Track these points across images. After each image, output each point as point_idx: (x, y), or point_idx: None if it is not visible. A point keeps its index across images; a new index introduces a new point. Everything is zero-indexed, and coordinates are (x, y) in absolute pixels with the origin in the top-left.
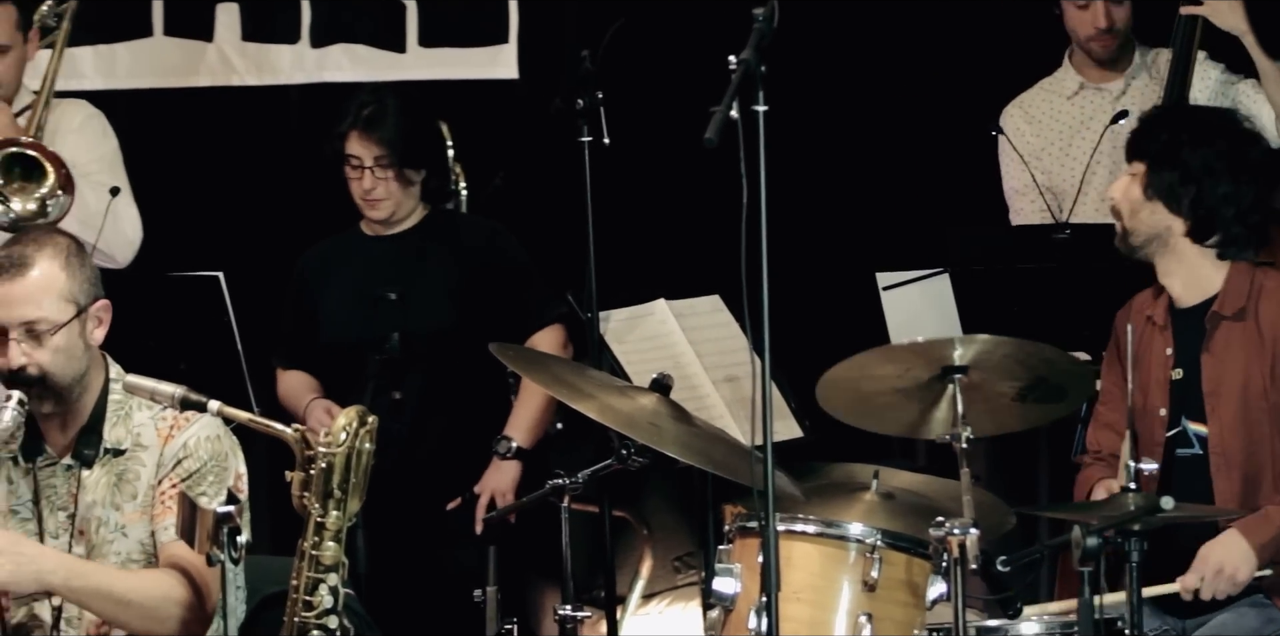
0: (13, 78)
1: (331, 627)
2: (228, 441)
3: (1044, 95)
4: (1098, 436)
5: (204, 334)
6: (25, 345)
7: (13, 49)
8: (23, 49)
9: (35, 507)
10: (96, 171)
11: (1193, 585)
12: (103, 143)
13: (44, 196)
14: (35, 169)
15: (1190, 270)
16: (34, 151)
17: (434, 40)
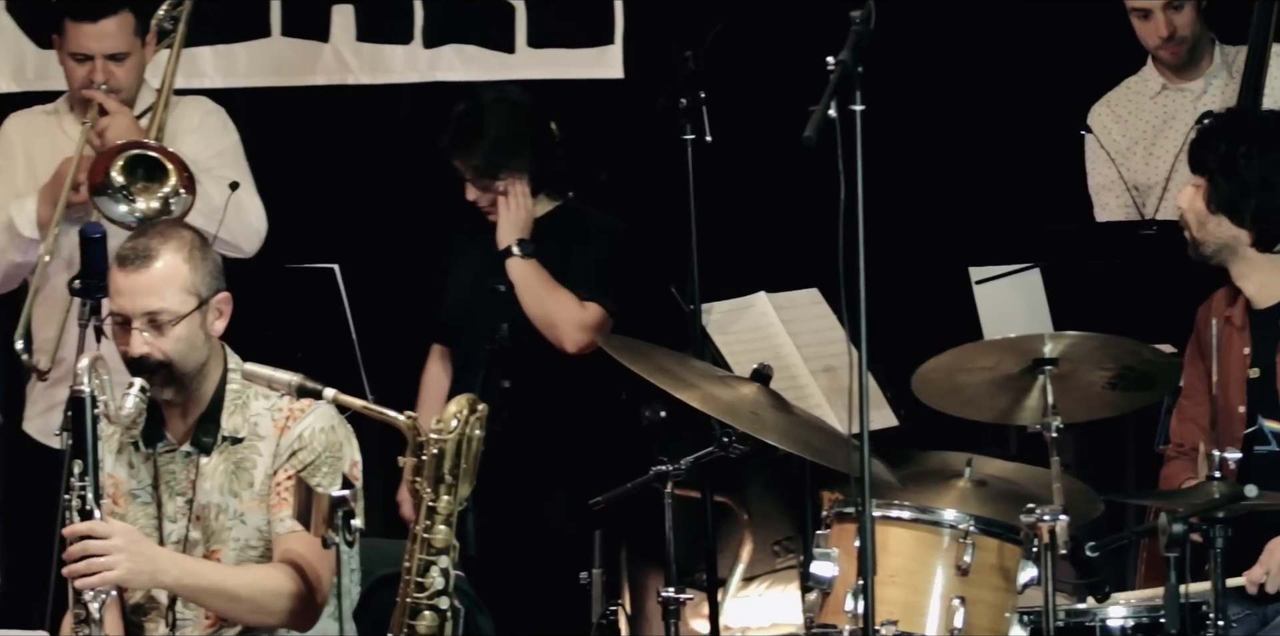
0: (133, 81)
1: (442, 608)
2: (342, 430)
3: (1130, 94)
4: (1181, 429)
5: (320, 324)
6: (148, 335)
7: (132, 55)
8: (141, 53)
9: (155, 492)
10: (218, 166)
11: (1258, 578)
12: (223, 137)
13: (166, 195)
14: (158, 169)
15: (1263, 275)
16: (156, 153)
17: (542, 41)
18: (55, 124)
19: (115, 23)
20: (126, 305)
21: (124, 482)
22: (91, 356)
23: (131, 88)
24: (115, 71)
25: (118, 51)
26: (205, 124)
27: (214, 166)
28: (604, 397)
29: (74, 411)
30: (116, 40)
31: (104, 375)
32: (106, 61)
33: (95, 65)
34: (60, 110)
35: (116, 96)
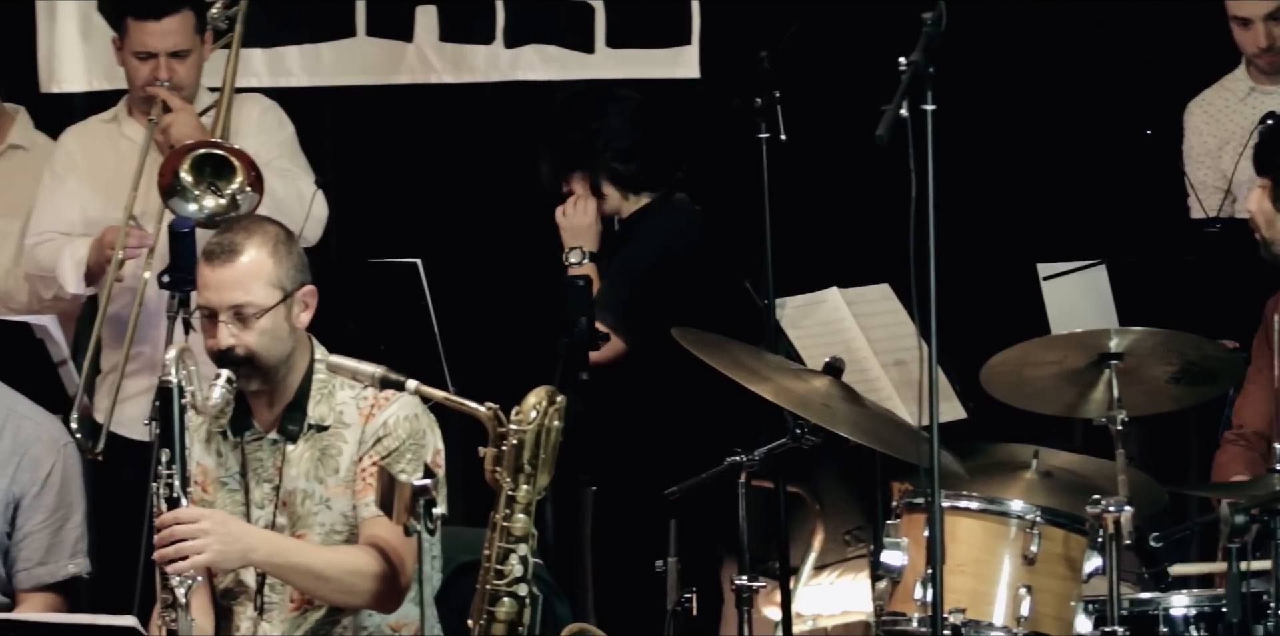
0: (193, 79)
1: (521, 595)
2: (425, 419)
3: (1223, 93)
4: (1243, 413)
5: (403, 317)
6: (233, 327)
7: (193, 52)
8: (201, 51)
9: (243, 480)
10: (277, 157)
11: None
12: (279, 131)
13: (234, 193)
14: (225, 167)
15: None
16: (223, 151)
17: (620, 41)
18: (115, 130)
19: (177, 20)
20: (213, 298)
21: (212, 471)
22: (179, 348)
23: (193, 85)
24: (177, 69)
25: (180, 49)
26: (263, 120)
27: (274, 157)
28: (679, 390)
29: (162, 402)
30: (179, 38)
31: (191, 366)
32: (169, 59)
33: (158, 63)
34: (120, 116)
35: (178, 94)
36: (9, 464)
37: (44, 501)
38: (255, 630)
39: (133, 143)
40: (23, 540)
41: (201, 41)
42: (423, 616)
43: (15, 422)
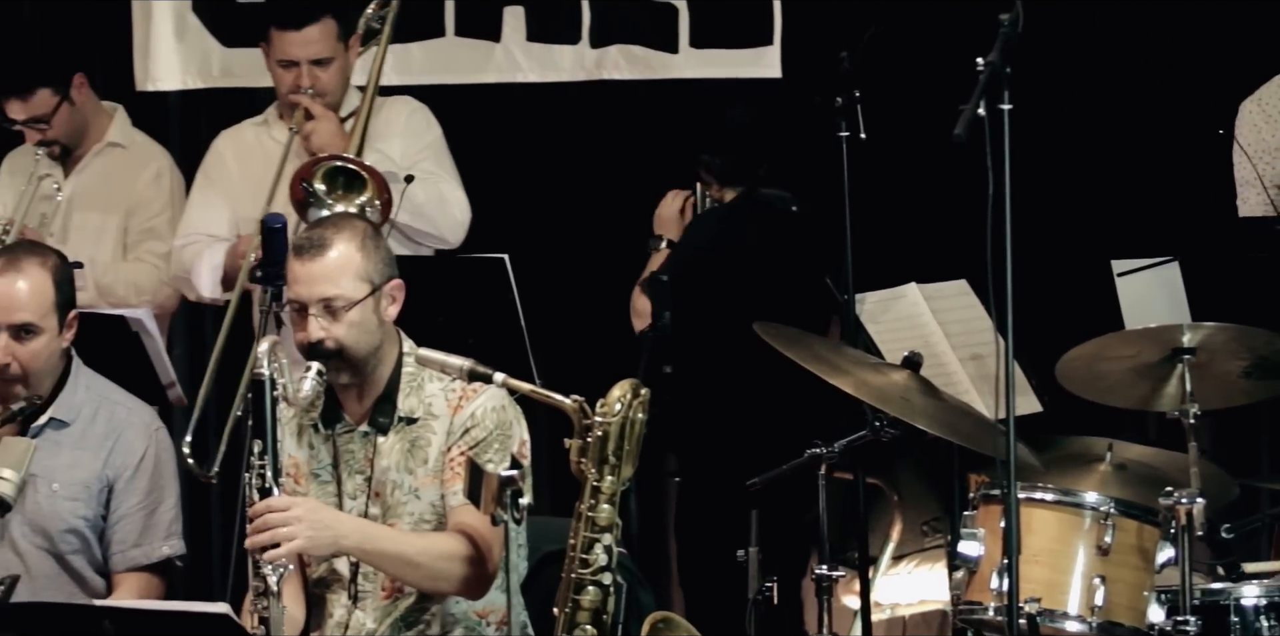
0: (336, 85)
1: (605, 583)
2: (512, 411)
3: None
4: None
5: (490, 311)
6: (323, 320)
7: (335, 59)
8: (345, 57)
9: (334, 471)
10: (423, 159)
11: None
12: (426, 133)
13: (363, 204)
14: (357, 179)
15: None
16: (355, 166)
17: (704, 42)
18: (265, 133)
19: (318, 30)
20: (303, 292)
21: (304, 463)
22: (270, 341)
23: (336, 91)
24: (320, 76)
25: (322, 57)
26: (410, 123)
27: (421, 159)
28: (761, 382)
29: (254, 394)
30: (320, 46)
31: (282, 359)
32: (311, 67)
33: (301, 71)
34: (270, 120)
35: (322, 101)
36: (103, 449)
37: (137, 485)
38: (348, 618)
39: (280, 146)
40: (117, 523)
41: (345, 47)
42: (509, 604)
43: (109, 409)
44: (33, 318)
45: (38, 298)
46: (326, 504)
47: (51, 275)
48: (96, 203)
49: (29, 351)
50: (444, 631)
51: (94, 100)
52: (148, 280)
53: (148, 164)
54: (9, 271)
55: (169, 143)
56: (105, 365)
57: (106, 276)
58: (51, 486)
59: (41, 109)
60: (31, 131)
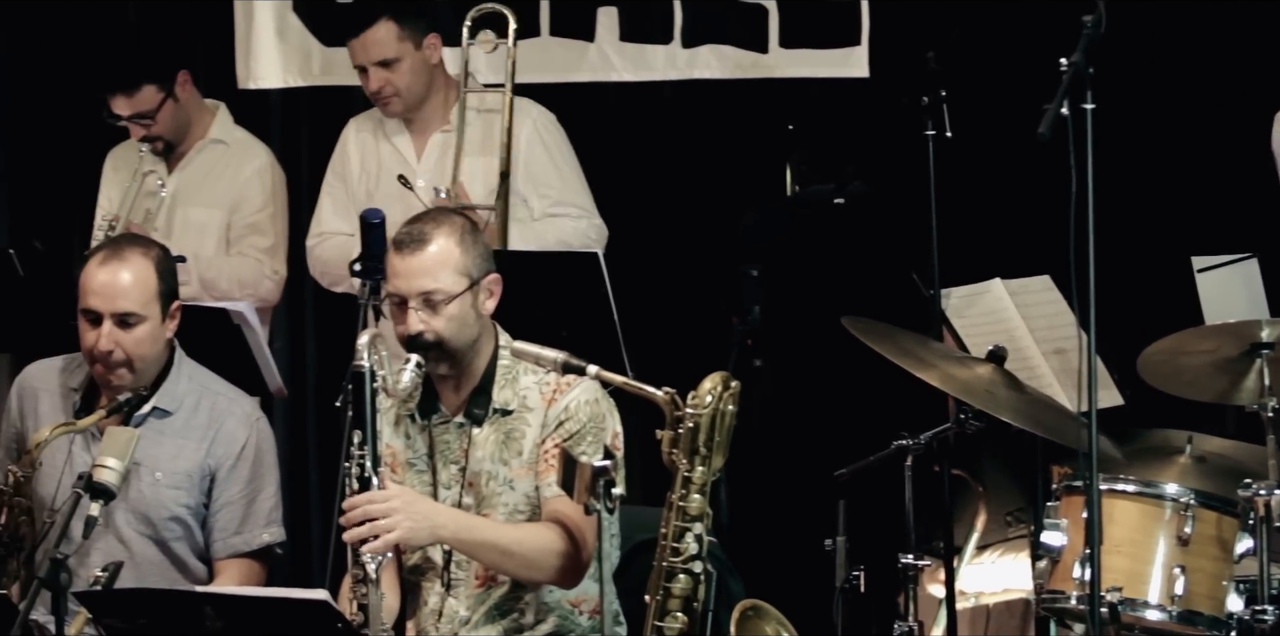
0: (411, 83)
1: (696, 572)
2: (604, 404)
3: None
4: None
5: (584, 305)
6: (423, 313)
7: (403, 59)
8: (418, 55)
9: (430, 461)
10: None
11: None
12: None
13: None
14: None
15: None
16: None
17: (793, 42)
18: (381, 130)
19: (377, 32)
20: (403, 286)
21: (401, 453)
22: (370, 333)
23: (413, 88)
24: (390, 78)
25: (386, 58)
26: (536, 134)
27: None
28: (848, 375)
29: (354, 385)
30: (383, 48)
31: (382, 351)
32: (378, 68)
33: (370, 74)
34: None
35: (398, 99)
36: (205, 438)
37: (238, 474)
38: (442, 605)
39: (392, 146)
40: (219, 511)
41: (419, 46)
42: (602, 592)
43: (210, 399)
44: (135, 307)
45: (140, 287)
46: (422, 493)
47: (154, 265)
48: (199, 198)
49: (133, 339)
50: (537, 620)
51: (197, 97)
52: (250, 274)
53: (250, 160)
54: (113, 261)
55: (270, 140)
56: (208, 357)
57: (210, 271)
58: (155, 475)
59: (146, 105)
60: (136, 127)
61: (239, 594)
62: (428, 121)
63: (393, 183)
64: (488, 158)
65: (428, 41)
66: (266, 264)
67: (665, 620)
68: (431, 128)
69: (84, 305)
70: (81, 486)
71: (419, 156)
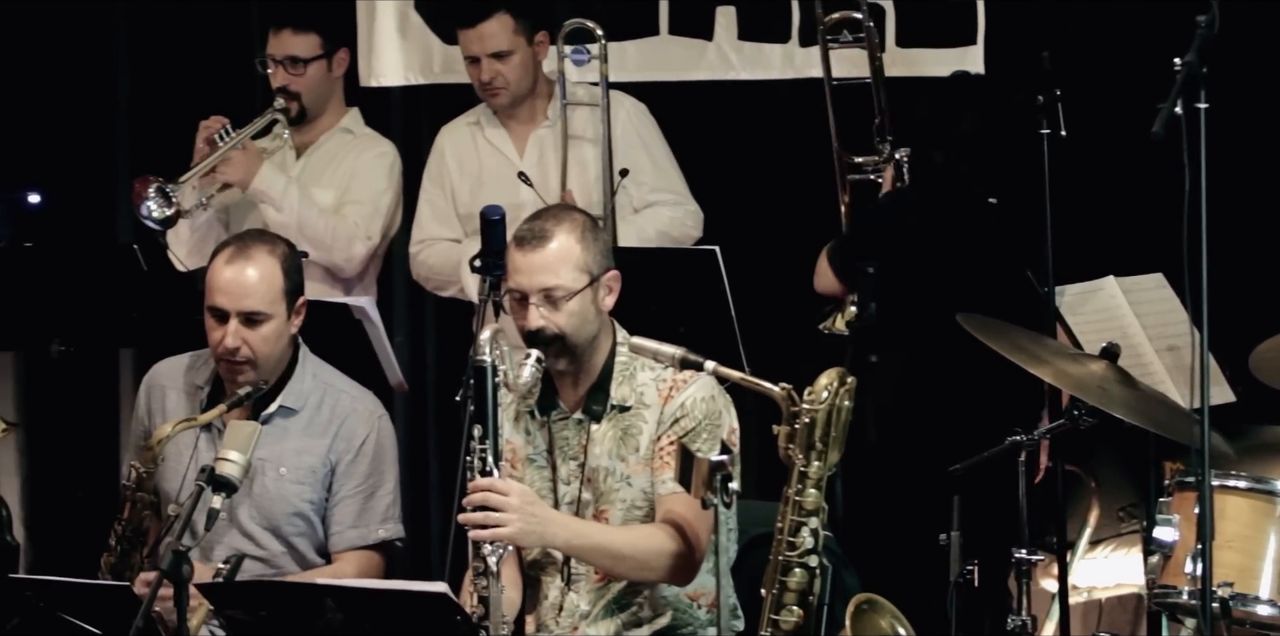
0: (520, 77)
1: (812, 566)
2: (721, 400)
3: None
4: None
5: (702, 301)
6: (543, 309)
7: (516, 53)
8: (529, 51)
9: (549, 457)
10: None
11: None
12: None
13: None
14: None
15: None
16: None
17: (910, 41)
18: (479, 132)
19: (493, 24)
20: (524, 282)
21: (521, 448)
22: (492, 329)
23: (521, 82)
24: (501, 70)
25: (500, 50)
26: (629, 124)
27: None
28: (962, 371)
29: (475, 380)
30: (496, 40)
31: (503, 347)
32: (490, 60)
33: (481, 65)
34: (481, 119)
35: (506, 92)
36: (327, 434)
37: (357, 469)
38: (562, 599)
39: (493, 146)
40: (336, 505)
41: (530, 41)
42: (719, 586)
43: (333, 396)
44: (261, 305)
45: (266, 285)
46: (541, 488)
47: (280, 263)
48: (321, 181)
49: (259, 337)
50: (655, 613)
51: (340, 88)
52: (345, 231)
53: (373, 147)
54: (239, 260)
55: (391, 137)
56: (330, 352)
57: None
58: (279, 470)
59: (305, 51)
60: (281, 73)
61: (359, 586)
62: (526, 118)
63: (496, 182)
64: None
65: (538, 38)
66: (362, 227)
67: (781, 613)
68: (530, 124)
69: (211, 303)
70: (204, 479)
71: (520, 154)
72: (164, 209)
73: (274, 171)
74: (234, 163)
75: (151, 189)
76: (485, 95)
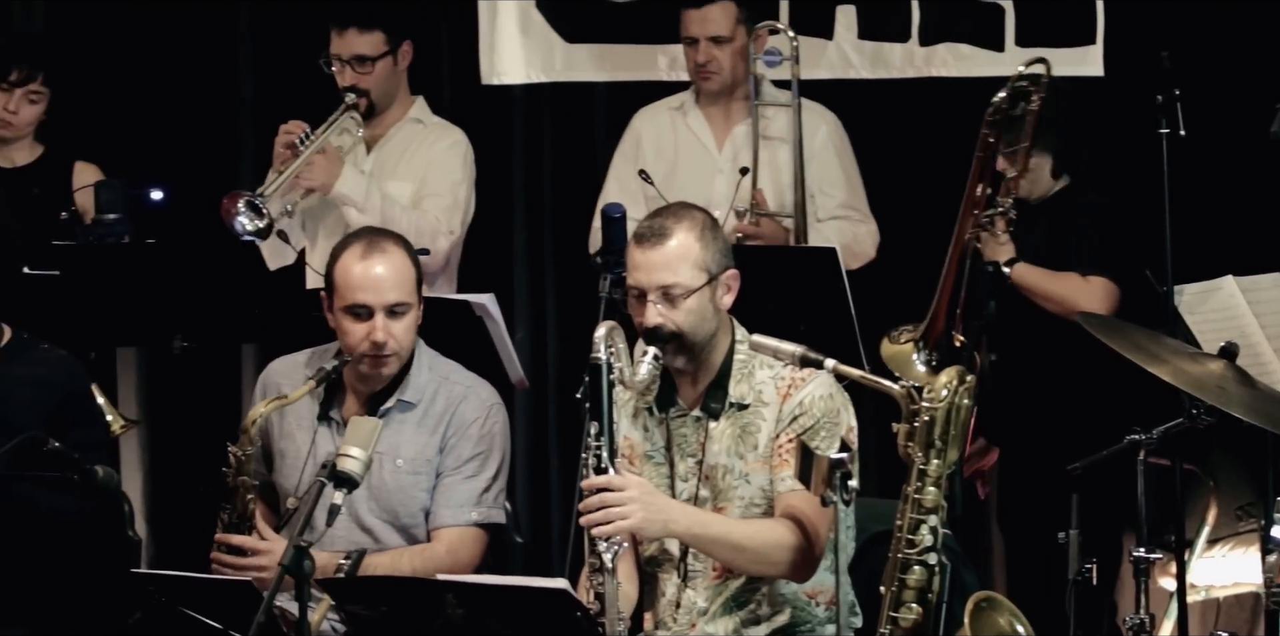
0: (732, 65)
1: (931, 563)
2: (840, 398)
3: None
4: None
5: (821, 299)
6: (661, 307)
7: (734, 40)
8: (743, 42)
9: (667, 454)
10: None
11: None
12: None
13: None
14: None
15: None
16: None
17: (1029, 40)
18: (680, 118)
19: (717, 9)
20: (643, 279)
21: (639, 445)
22: (608, 326)
23: (735, 71)
24: (716, 54)
25: (719, 35)
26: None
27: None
28: (1081, 370)
29: (591, 377)
30: (718, 25)
31: (619, 344)
32: (709, 44)
33: (699, 47)
34: (685, 105)
35: (719, 77)
36: (441, 423)
37: (458, 450)
38: (679, 596)
39: (693, 134)
40: (437, 484)
41: (747, 32)
42: (838, 583)
43: (448, 388)
44: (404, 296)
45: (403, 275)
46: (659, 485)
47: (408, 254)
48: (395, 173)
49: (402, 328)
50: (774, 611)
51: (405, 81)
52: (428, 226)
53: (445, 136)
54: (374, 254)
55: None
56: (451, 349)
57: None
58: (396, 462)
59: (370, 50)
60: (348, 72)
61: (480, 582)
62: (728, 112)
63: (691, 170)
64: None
65: (758, 31)
66: (443, 221)
67: (900, 611)
68: (732, 119)
69: (351, 301)
70: (326, 475)
71: (719, 147)
72: (256, 221)
73: (354, 173)
74: (316, 167)
75: (241, 203)
76: (697, 78)
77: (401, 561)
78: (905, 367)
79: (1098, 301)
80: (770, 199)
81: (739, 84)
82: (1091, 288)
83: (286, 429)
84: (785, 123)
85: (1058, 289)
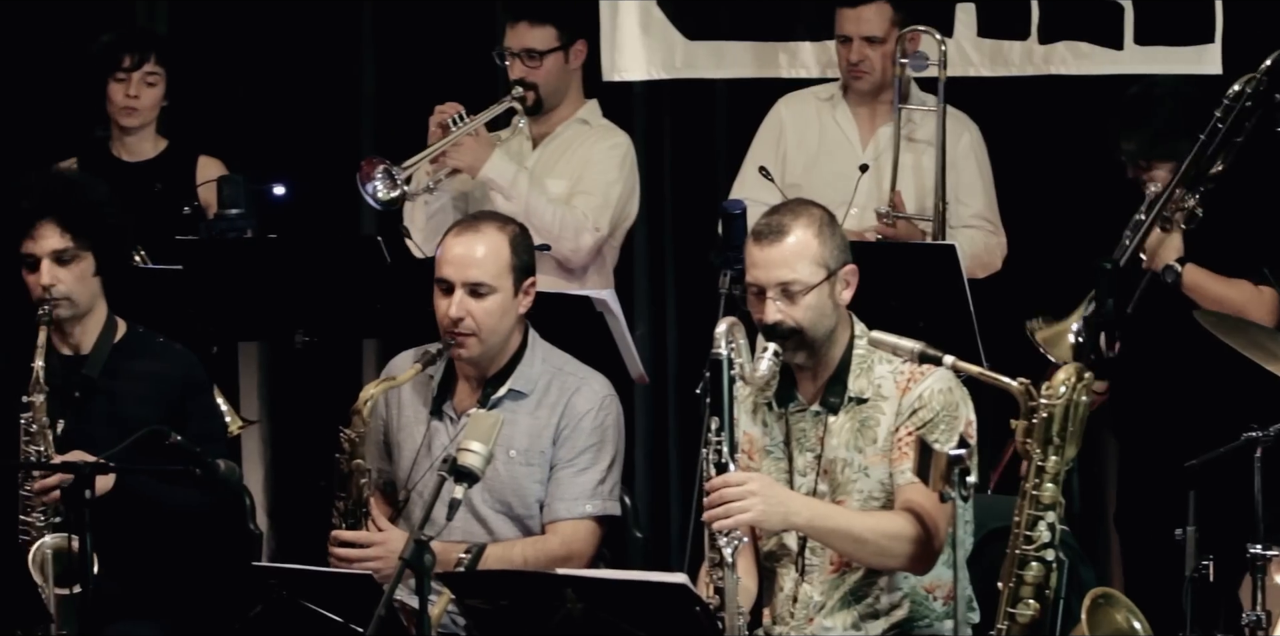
0: (882, 67)
1: (1049, 560)
2: (959, 393)
3: None
4: None
5: (941, 296)
6: (780, 303)
7: (886, 42)
8: (893, 43)
9: (786, 448)
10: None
11: None
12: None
13: None
14: None
15: None
16: None
17: (1148, 38)
18: (828, 109)
19: (872, 9)
20: (761, 276)
21: (758, 440)
22: (728, 322)
23: (885, 73)
24: (869, 54)
25: (872, 35)
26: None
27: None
28: (1199, 368)
29: (712, 373)
30: (871, 25)
31: (740, 339)
32: (862, 43)
33: (853, 47)
34: (835, 96)
35: (870, 77)
36: (554, 414)
37: (571, 442)
38: (796, 590)
39: (838, 126)
40: (551, 476)
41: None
42: (955, 578)
43: (561, 379)
44: (486, 277)
45: (492, 258)
46: (778, 479)
47: (509, 239)
48: (556, 171)
49: (482, 309)
50: (891, 605)
51: (579, 80)
52: (573, 221)
53: (609, 138)
54: (467, 233)
55: (632, 132)
56: (571, 344)
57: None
58: (509, 453)
59: (541, 43)
60: (518, 65)
61: (600, 577)
62: (874, 112)
63: (832, 163)
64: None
65: (908, 35)
66: (590, 218)
67: (1018, 607)
68: (877, 120)
69: (439, 274)
70: (446, 469)
71: (863, 146)
72: (389, 190)
73: (504, 159)
74: (465, 148)
75: (379, 170)
76: (849, 76)
77: (514, 551)
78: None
79: (1267, 312)
80: (909, 202)
81: (887, 85)
82: (1264, 298)
83: (404, 421)
84: (930, 127)
85: (1232, 296)
